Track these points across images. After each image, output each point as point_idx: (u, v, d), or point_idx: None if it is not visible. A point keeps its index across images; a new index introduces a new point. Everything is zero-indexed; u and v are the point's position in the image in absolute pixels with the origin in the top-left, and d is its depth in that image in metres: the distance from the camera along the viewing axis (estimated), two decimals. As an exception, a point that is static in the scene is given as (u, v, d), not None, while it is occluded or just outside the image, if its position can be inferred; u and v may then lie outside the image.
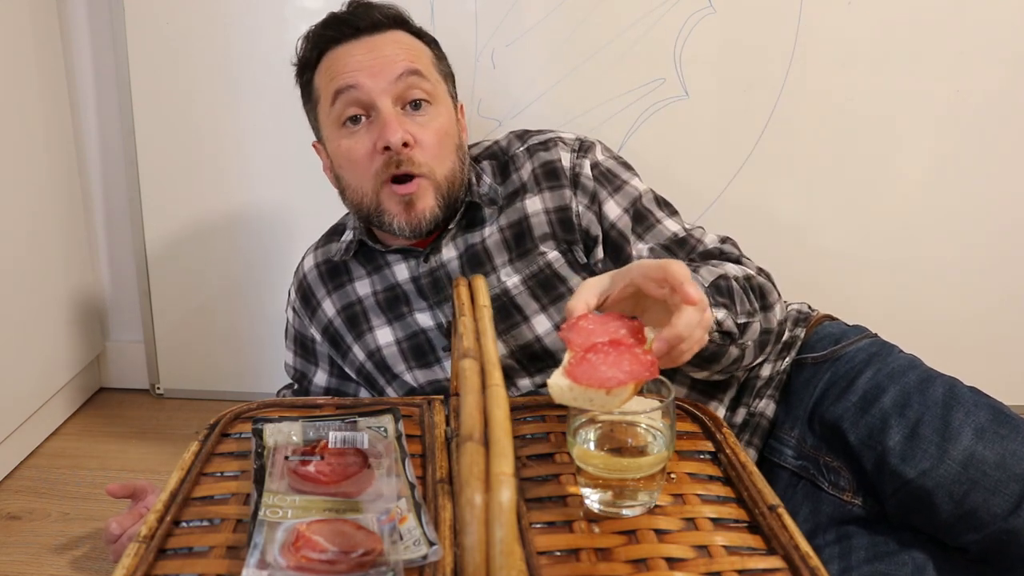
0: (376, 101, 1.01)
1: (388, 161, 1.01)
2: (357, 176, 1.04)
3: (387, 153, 1.00)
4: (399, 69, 1.02)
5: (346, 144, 1.04)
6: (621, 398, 0.65)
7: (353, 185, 1.06)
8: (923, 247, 1.48)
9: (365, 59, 1.03)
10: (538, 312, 1.03)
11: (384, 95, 1.02)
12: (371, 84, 1.01)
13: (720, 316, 0.86)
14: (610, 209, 1.05)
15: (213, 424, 0.84)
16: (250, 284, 1.60)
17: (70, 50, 1.56)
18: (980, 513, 0.84)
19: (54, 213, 1.53)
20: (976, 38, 1.38)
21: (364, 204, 1.05)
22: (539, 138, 1.11)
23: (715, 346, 0.87)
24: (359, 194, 1.05)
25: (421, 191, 1.02)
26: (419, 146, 1.02)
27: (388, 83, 1.02)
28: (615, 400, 0.65)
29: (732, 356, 0.91)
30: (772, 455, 1.04)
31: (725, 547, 0.65)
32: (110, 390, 1.72)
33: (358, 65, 1.03)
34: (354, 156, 1.03)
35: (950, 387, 0.91)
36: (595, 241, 1.05)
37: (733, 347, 0.90)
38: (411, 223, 1.03)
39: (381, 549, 0.63)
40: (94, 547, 1.19)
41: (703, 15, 1.40)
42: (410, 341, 1.09)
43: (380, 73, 1.02)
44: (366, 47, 1.04)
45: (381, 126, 1.01)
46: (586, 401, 0.65)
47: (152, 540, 0.66)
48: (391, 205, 1.03)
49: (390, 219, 1.04)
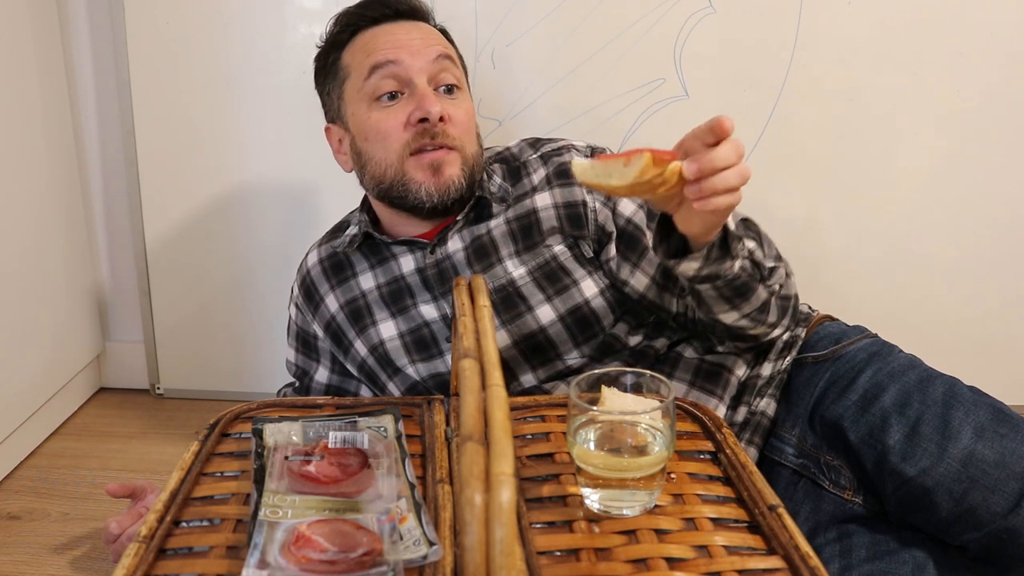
0: (414, 78, 1.05)
1: (421, 132, 1.04)
2: (384, 148, 1.06)
3: (420, 126, 1.03)
4: (435, 52, 1.07)
5: (377, 116, 1.06)
6: (638, 167, 0.69)
7: (377, 157, 1.07)
8: (923, 247, 1.48)
9: (404, 38, 1.07)
10: (543, 303, 1.04)
11: (422, 73, 1.05)
12: (410, 61, 1.05)
13: (751, 246, 0.88)
14: (625, 206, 1.07)
15: (213, 424, 0.84)
16: (250, 284, 1.60)
17: (70, 50, 1.56)
18: (980, 512, 0.84)
19: (54, 213, 1.53)
20: (976, 38, 1.38)
21: (388, 176, 1.06)
22: (552, 146, 1.13)
23: (747, 275, 0.88)
24: (383, 166, 1.07)
25: (452, 160, 1.05)
26: (452, 122, 1.05)
27: (426, 62, 1.06)
28: (632, 170, 0.69)
29: (761, 298, 0.92)
30: (773, 454, 1.04)
31: (725, 547, 0.65)
32: (110, 390, 1.72)
33: (397, 43, 1.07)
34: (384, 127, 1.05)
35: (950, 386, 0.92)
36: (609, 237, 1.06)
37: (762, 287, 0.91)
38: (439, 188, 1.04)
39: (381, 549, 0.63)
40: (94, 547, 1.19)
41: (703, 15, 1.40)
42: (413, 334, 1.09)
43: (419, 52, 1.06)
44: (403, 28, 1.09)
45: (419, 99, 1.04)
46: (605, 176, 0.70)
47: (152, 540, 0.66)
48: (417, 173, 1.05)
49: (416, 187, 1.05)
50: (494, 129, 1.47)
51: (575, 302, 1.03)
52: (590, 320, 1.04)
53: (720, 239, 0.84)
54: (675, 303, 1.03)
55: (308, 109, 1.23)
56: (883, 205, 1.47)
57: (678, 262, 0.86)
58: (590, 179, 0.72)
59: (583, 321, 1.04)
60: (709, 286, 0.88)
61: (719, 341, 1.03)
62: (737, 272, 0.87)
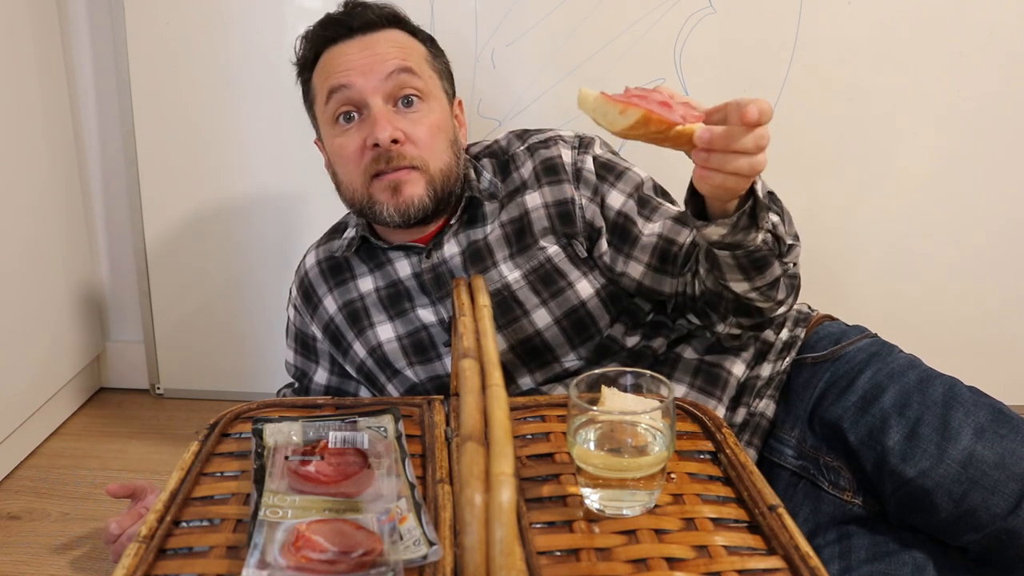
0: (367, 99, 1.04)
1: (377, 157, 1.03)
2: (348, 172, 1.07)
3: (376, 150, 1.03)
4: (390, 67, 1.04)
5: (338, 141, 1.06)
6: (629, 121, 0.69)
7: (345, 181, 1.08)
8: (923, 247, 1.48)
9: (357, 58, 1.05)
10: (538, 306, 1.04)
11: (375, 93, 1.04)
12: (362, 83, 1.04)
13: (775, 220, 0.86)
14: (614, 199, 1.06)
15: (213, 424, 0.84)
16: (250, 284, 1.60)
17: (70, 50, 1.56)
18: (979, 513, 0.84)
19: (54, 213, 1.53)
20: (976, 38, 1.38)
21: (356, 199, 1.08)
22: (539, 137, 1.12)
23: (767, 249, 0.86)
24: (351, 189, 1.08)
25: (412, 180, 1.04)
26: (410, 141, 1.04)
27: (379, 81, 1.04)
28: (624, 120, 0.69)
29: (775, 274, 0.90)
30: (772, 455, 1.04)
31: (725, 547, 0.65)
32: (110, 390, 1.72)
33: (350, 64, 1.05)
34: (345, 152, 1.06)
35: (950, 387, 0.92)
36: (599, 233, 1.05)
37: (777, 263, 0.89)
38: (399, 208, 1.04)
39: (381, 549, 0.63)
40: (94, 547, 1.19)
41: (703, 15, 1.40)
42: (411, 337, 1.09)
43: (371, 72, 1.04)
44: (359, 46, 1.06)
45: (371, 124, 1.03)
46: (601, 115, 0.71)
47: (152, 540, 0.66)
48: (380, 195, 1.05)
49: (381, 208, 1.05)
50: (494, 129, 1.47)
51: (571, 304, 1.03)
52: (586, 322, 1.04)
53: (751, 208, 0.81)
54: (672, 283, 1.01)
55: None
56: (883, 205, 1.47)
57: (705, 224, 0.83)
58: (587, 110, 0.73)
59: (580, 323, 1.03)
60: (728, 254, 0.86)
61: (721, 317, 0.99)
62: (759, 244, 0.85)
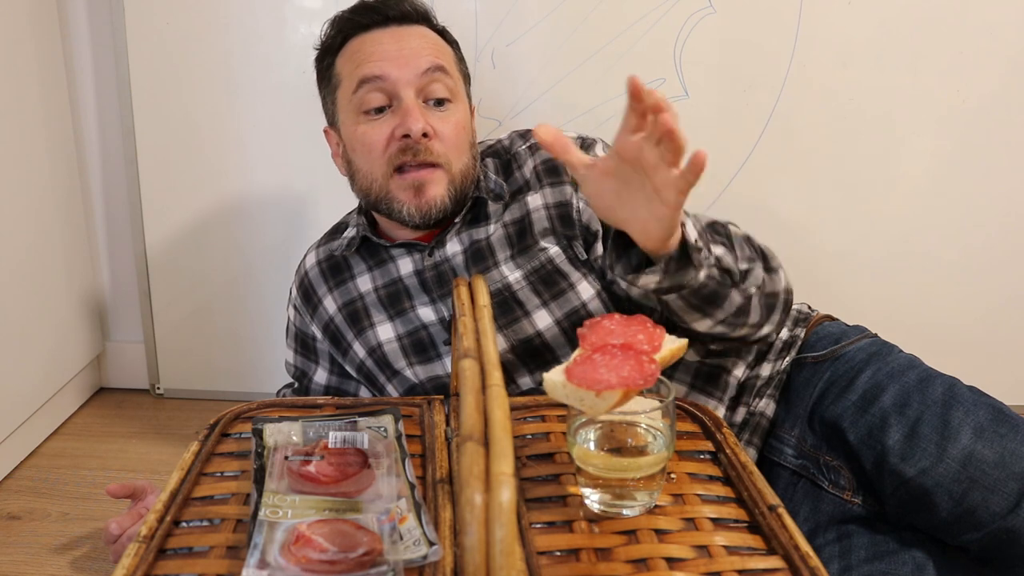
0: (400, 91, 1.03)
1: (404, 148, 1.02)
2: (370, 162, 1.05)
3: (404, 141, 1.02)
4: (425, 64, 1.04)
5: (362, 129, 1.05)
6: (609, 403, 0.64)
7: (364, 170, 1.07)
8: (923, 247, 1.48)
9: (392, 49, 1.04)
10: (539, 307, 1.04)
11: (409, 86, 1.03)
12: (397, 75, 1.03)
13: (719, 252, 0.85)
14: None
15: (213, 424, 0.84)
16: (250, 284, 1.60)
17: (70, 50, 1.56)
18: (979, 512, 0.84)
19: (54, 214, 1.53)
20: (976, 38, 1.38)
21: (374, 189, 1.06)
22: None
23: (715, 283, 0.85)
24: (368, 180, 1.06)
25: (435, 179, 1.03)
26: (438, 138, 1.03)
27: (414, 75, 1.03)
28: (604, 403, 0.64)
29: (735, 303, 0.89)
30: (772, 454, 1.04)
31: (725, 547, 0.65)
32: (110, 390, 1.72)
33: (385, 55, 1.04)
34: (370, 140, 1.04)
35: (950, 386, 0.92)
36: (595, 236, 1.05)
37: (735, 292, 0.88)
38: (420, 209, 1.04)
39: (381, 549, 0.63)
40: (94, 547, 1.19)
41: (703, 15, 1.40)
42: (411, 337, 1.09)
43: (407, 65, 1.03)
44: (394, 37, 1.06)
45: (403, 115, 1.02)
46: (577, 400, 0.65)
47: (152, 540, 0.66)
48: (400, 193, 1.04)
49: (399, 207, 1.05)
50: (494, 129, 1.47)
51: (572, 306, 1.03)
52: None
53: (678, 251, 0.81)
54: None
55: (308, 110, 1.23)
56: (883, 205, 1.47)
57: (636, 277, 0.82)
58: (560, 399, 0.67)
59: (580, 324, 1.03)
60: (675, 296, 0.85)
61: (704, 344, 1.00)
62: (704, 281, 0.83)
